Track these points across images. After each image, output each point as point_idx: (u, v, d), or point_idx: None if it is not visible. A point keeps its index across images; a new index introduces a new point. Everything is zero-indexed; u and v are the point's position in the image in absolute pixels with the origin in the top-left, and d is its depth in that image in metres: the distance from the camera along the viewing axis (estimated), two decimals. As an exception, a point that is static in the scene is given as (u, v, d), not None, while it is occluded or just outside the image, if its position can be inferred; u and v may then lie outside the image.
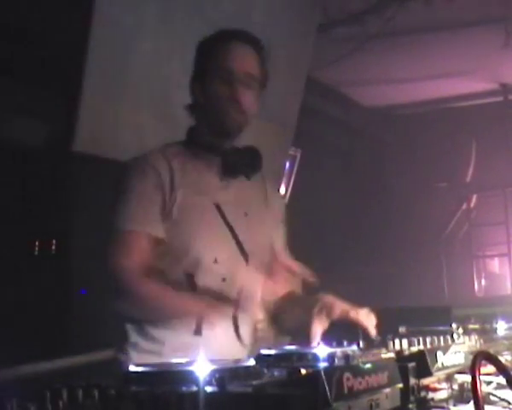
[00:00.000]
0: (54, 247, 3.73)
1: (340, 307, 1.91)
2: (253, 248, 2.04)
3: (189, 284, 1.93)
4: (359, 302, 1.93)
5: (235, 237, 2.00)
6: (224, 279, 1.97)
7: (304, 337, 1.91)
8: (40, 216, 3.70)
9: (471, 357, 1.21)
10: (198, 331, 1.91)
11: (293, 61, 4.07)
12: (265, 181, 2.25)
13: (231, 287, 1.98)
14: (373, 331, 1.79)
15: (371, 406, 0.98)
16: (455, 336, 1.50)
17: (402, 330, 1.72)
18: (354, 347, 1.51)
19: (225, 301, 1.95)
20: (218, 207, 1.99)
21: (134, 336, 1.94)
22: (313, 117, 5.20)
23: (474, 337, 1.57)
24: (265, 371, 1.07)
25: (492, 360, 1.23)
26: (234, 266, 1.99)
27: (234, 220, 2.01)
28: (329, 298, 1.96)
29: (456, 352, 1.36)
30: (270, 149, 4.19)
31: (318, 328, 1.86)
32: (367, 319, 1.83)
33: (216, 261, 1.95)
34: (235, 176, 2.05)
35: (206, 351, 1.69)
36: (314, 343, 1.81)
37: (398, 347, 1.41)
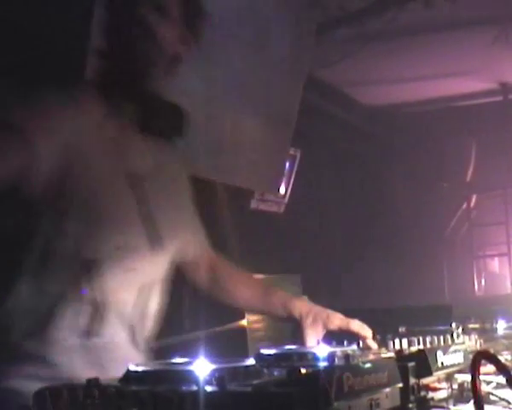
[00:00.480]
0: None
1: (338, 317, 1.84)
2: (170, 233, 1.72)
3: (87, 271, 1.57)
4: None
5: (148, 216, 1.65)
6: (127, 270, 1.62)
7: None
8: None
9: (471, 357, 1.21)
10: (87, 334, 1.60)
11: (293, 61, 4.07)
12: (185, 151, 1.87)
13: (136, 280, 1.65)
14: (373, 344, 1.67)
15: (371, 405, 0.98)
16: (455, 335, 1.50)
17: (402, 330, 1.72)
18: (354, 347, 1.51)
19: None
20: (134, 179, 1.63)
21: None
22: (313, 117, 5.20)
23: (473, 337, 1.57)
24: (265, 370, 1.07)
25: (492, 359, 1.23)
26: (141, 256, 1.64)
27: (150, 195, 1.66)
28: (321, 308, 1.88)
29: (456, 351, 1.36)
30: (269, 149, 4.19)
31: (313, 339, 1.84)
32: (367, 332, 1.77)
33: (119, 248, 1.60)
34: (154, 135, 1.70)
35: (94, 359, 1.58)
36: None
37: (398, 346, 1.41)
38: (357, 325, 1.79)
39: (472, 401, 1.11)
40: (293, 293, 2.39)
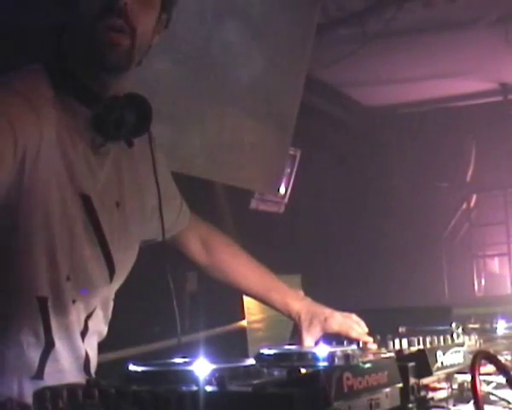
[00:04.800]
0: None
1: (336, 321, 1.80)
2: (123, 257, 1.57)
3: (42, 310, 1.41)
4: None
5: (101, 240, 1.48)
6: (74, 301, 1.45)
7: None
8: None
9: (471, 357, 1.21)
10: (39, 375, 1.43)
11: (293, 61, 4.07)
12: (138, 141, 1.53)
13: (83, 310, 1.51)
14: (374, 347, 1.61)
15: (371, 405, 0.99)
16: (455, 335, 1.50)
17: (402, 330, 1.72)
18: (354, 346, 1.51)
19: None
20: (87, 200, 1.45)
21: None
22: (313, 117, 5.20)
23: (473, 337, 1.57)
24: (265, 370, 1.07)
25: (492, 359, 1.23)
26: (92, 283, 1.49)
27: (102, 215, 1.48)
28: (319, 308, 1.84)
29: (456, 351, 1.36)
30: (269, 149, 4.19)
31: (311, 341, 1.83)
32: (366, 338, 1.72)
33: (69, 278, 1.43)
34: (112, 140, 1.47)
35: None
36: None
37: (398, 347, 1.41)
38: (356, 333, 1.77)
39: (472, 401, 1.11)
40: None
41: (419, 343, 1.41)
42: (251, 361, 1.11)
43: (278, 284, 1.92)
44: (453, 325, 1.71)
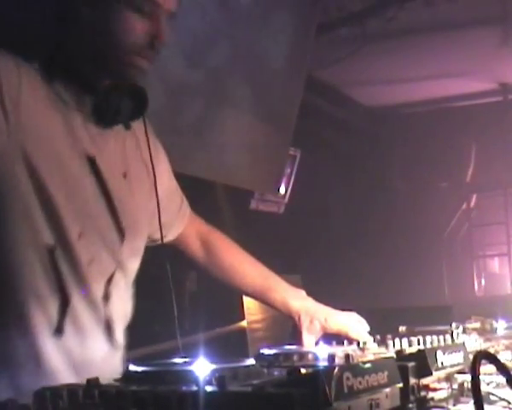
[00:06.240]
0: None
1: (337, 321, 1.81)
2: (132, 222, 1.62)
3: (50, 261, 1.48)
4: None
5: (110, 204, 1.55)
6: (91, 260, 1.53)
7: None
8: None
9: (471, 357, 1.21)
10: (59, 329, 1.50)
11: (293, 61, 4.07)
12: (141, 128, 1.67)
13: (101, 271, 1.57)
14: (373, 346, 1.59)
15: (371, 405, 0.98)
16: (455, 335, 1.50)
17: (402, 330, 1.72)
18: (354, 346, 1.51)
19: None
20: (92, 162, 1.53)
21: None
22: (313, 117, 5.20)
23: (473, 337, 1.57)
24: (265, 370, 1.07)
25: (492, 359, 1.23)
26: (105, 244, 1.56)
27: (110, 182, 1.56)
28: (320, 308, 1.85)
29: (456, 351, 1.36)
30: (269, 149, 4.19)
31: (310, 341, 1.82)
32: (366, 337, 1.72)
33: (81, 236, 1.50)
34: (111, 124, 1.58)
35: (69, 360, 1.48)
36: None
37: (398, 347, 1.41)
38: (356, 333, 1.76)
39: (472, 401, 1.11)
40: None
41: (419, 343, 1.41)
42: (251, 361, 1.11)
43: (278, 283, 1.92)
44: (453, 325, 1.71)
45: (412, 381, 1.15)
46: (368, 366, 1.02)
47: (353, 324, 1.80)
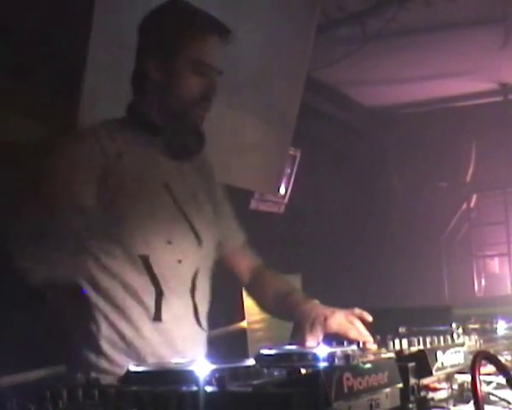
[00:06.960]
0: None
1: (336, 321, 1.83)
2: (204, 232, 2.01)
3: (145, 265, 1.88)
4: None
5: (186, 218, 1.96)
6: (179, 261, 1.93)
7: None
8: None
9: (471, 357, 1.21)
10: (157, 317, 1.89)
11: (293, 61, 4.07)
12: (207, 166, 2.20)
13: (187, 269, 1.96)
14: (374, 347, 1.61)
15: (371, 405, 0.99)
16: (455, 335, 1.50)
17: (402, 330, 1.72)
18: (354, 346, 1.51)
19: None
20: (168, 187, 1.95)
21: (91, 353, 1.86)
22: (313, 117, 5.20)
23: (474, 337, 1.57)
24: (265, 370, 1.07)
25: (492, 359, 1.23)
26: (188, 247, 1.96)
27: (183, 202, 1.97)
28: (320, 309, 1.89)
29: (456, 351, 1.37)
30: (269, 149, 4.19)
31: (313, 343, 1.83)
32: (365, 333, 1.76)
33: (170, 242, 1.91)
34: (181, 159, 2.02)
35: (167, 340, 1.89)
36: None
37: (398, 347, 1.41)
38: (355, 333, 1.77)
39: (472, 401, 1.11)
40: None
41: (419, 343, 1.41)
42: (251, 361, 1.11)
43: (292, 295, 2.07)
44: (453, 325, 1.71)
45: (412, 381, 1.15)
46: (368, 366, 1.02)
47: (353, 324, 1.80)
